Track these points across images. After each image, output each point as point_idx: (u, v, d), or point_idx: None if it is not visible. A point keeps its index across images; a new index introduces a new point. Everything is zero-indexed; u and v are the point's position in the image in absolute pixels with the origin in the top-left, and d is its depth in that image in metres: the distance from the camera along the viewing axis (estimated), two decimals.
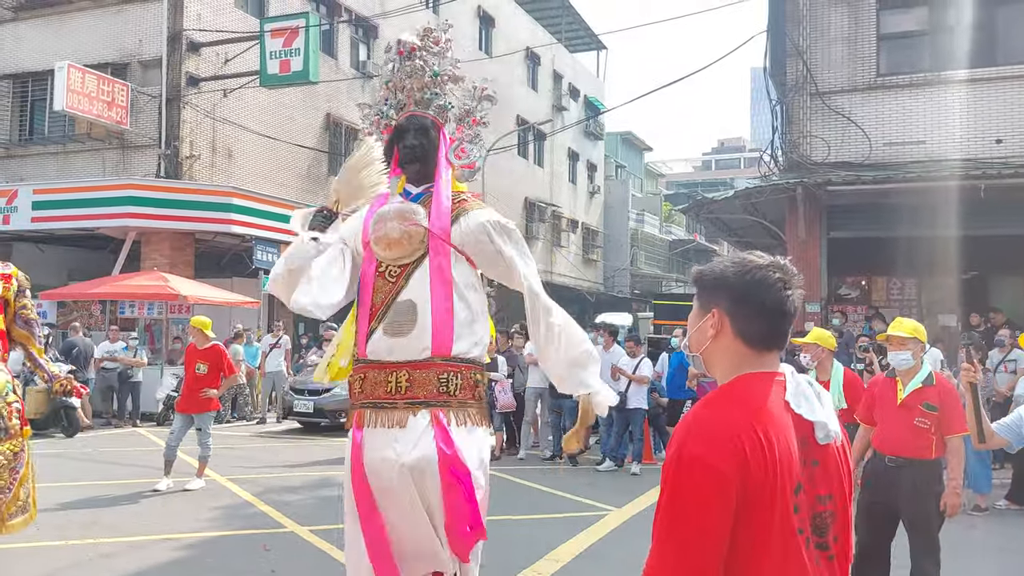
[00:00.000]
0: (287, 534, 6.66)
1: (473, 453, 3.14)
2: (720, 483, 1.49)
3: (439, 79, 3.44)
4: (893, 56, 13.19)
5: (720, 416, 1.58)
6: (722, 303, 1.70)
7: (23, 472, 5.72)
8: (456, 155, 3.42)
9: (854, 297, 15.26)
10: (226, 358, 8.63)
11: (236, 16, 17.98)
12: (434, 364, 3.11)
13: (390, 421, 3.12)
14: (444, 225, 3.19)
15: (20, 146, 18.13)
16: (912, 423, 4.48)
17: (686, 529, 1.51)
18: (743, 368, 1.68)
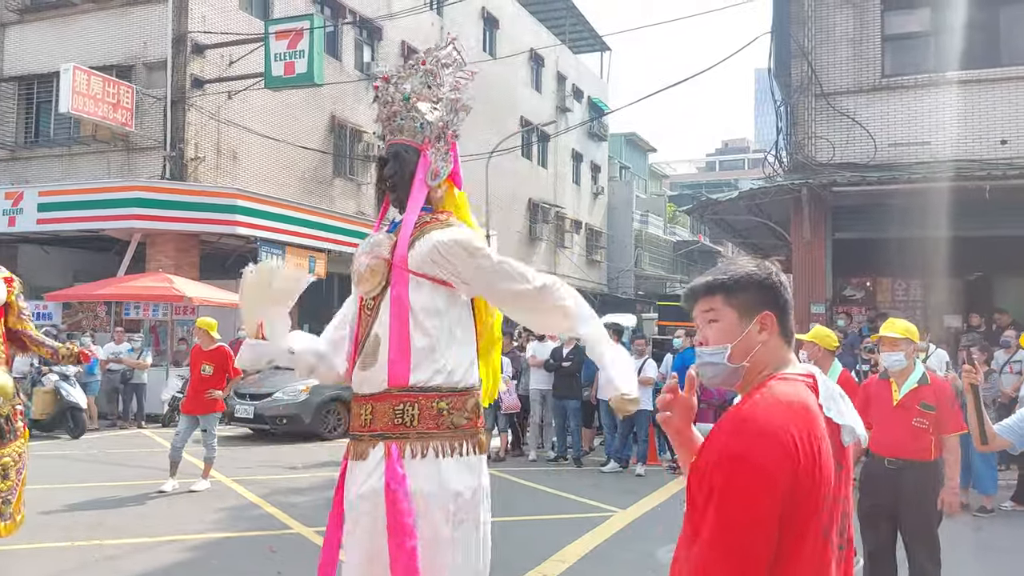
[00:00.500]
0: (293, 536, 6.67)
1: (429, 485, 3.02)
2: (770, 484, 1.49)
3: (409, 102, 3.36)
4: (898, 57, 13.17)
5: (770, 417, 1.56)
6: (769, 306, 1.72)
7: (24, 474, 5.79)
8: (432, 175, 3.33)
9: (859, 298, 15.22)
10: (231, 359, 8.64)
11: (241, 18, 18.02)
12: (390, 395, 3.08)
13: (356, 453, 3.16)
14: (402, 252, 3.14)
15: (26, 148, 18.18)
16: (910, 424, 4.46)
17: (738, 530, 1.49)
18: (780, 369, 1.70)
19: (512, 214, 29.03)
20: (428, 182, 3.29)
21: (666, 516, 7.56)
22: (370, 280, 3.18)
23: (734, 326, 1.73)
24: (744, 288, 1.73)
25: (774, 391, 1.63)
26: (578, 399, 10.63)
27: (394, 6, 22.02)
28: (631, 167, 45.86)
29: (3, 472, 5.59)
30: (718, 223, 16.77)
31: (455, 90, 3.44)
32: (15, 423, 5.70)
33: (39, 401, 11.97)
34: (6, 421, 5.62)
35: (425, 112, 3.32)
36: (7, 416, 5.64)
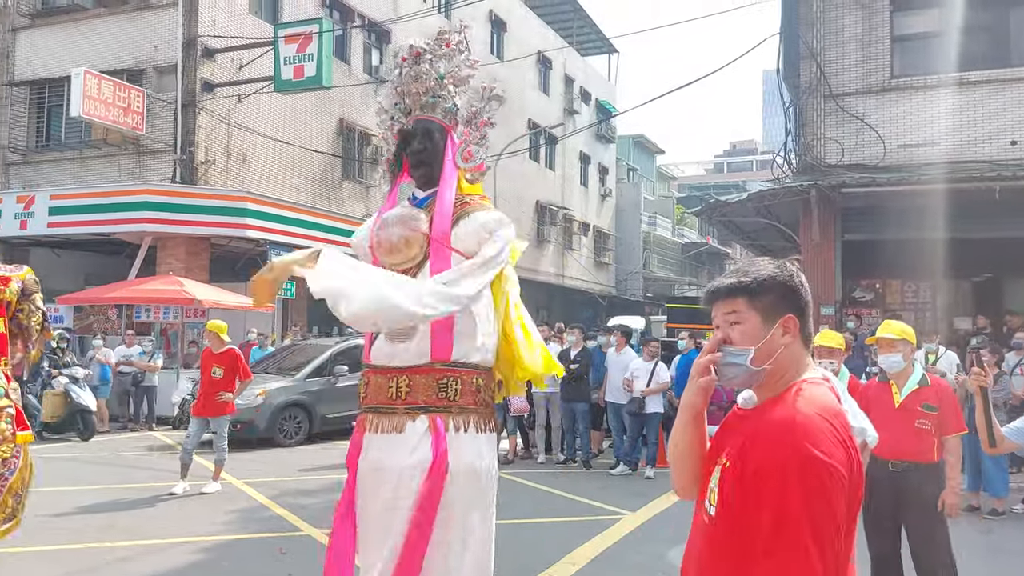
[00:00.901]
0: (303, 537, 6.70)
1: (472, 459, 3.10)
2: (842, 484, 1.53)
3: (444, 81, 3.41)
4: (907, 58, 13.13)
5: (826, 420, 1.59)
6: (792, 309, 1.72)
7: (13, 479, 5.57)
8: (463, 157, 3.38)
9: (869, 300, 15.18)
10: (242, 362, 8.69)
11: (250, 22, 18.10)
12: (433, 369, 3.10)
13: (390, 426, 3.12)
14: (444, 229, 3.16)
15: (37, 152, 18.30)
16: (913, 426, 4.41)
17: (825, 531, 1.51)
18: (802, 372, 1.71)
19: (520, 216, 29.04)
20: (458, 163, 3.33)
21: (676, 518, 7.55)
22: (404, 251, 3.17)
23: (757, 329, 1.73)
24: (768, 291, 1.73)
25: (812, 394, 1.64)
26: (586, 401, 10.63)
27: (402, 9, 22.08)
28: (639, 169, 45.82)
29: None
30: (726, 225, 16.75)
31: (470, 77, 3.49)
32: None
33: (49, 404, 12.04)
34: None
35: (455, 94, 3.39)
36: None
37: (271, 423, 11.89)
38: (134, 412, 14.00)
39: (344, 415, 12.09)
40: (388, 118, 3.60)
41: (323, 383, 12.50)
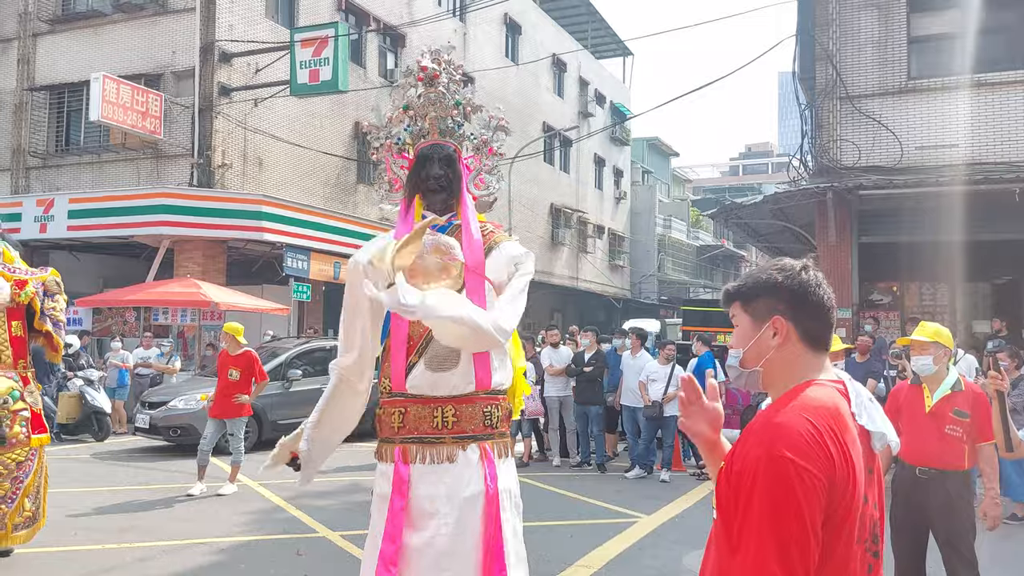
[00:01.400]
0: (319, 539, 6.73)
1: (511, 482, 3.23)
2: (814, 486, 1.49)
3: (461, 108, 3.43)
4: (924, 59, 13.06)
5: (807, 421, 1.56)
6: (782, 309, 1.70)
7: (28, 482, 5.66)
8: (475, 185, 3.42)
9: (886, 303, 15.10)
10: (258, 364, 8.75)
11: (267, 27, 18.23)
12: (478, 398, 3.13)
13: (439, 456, 3.11)
14: (478, 259, 3.19)
15: (57, 156, 18.50)
16: (943, 431, 4.31)
17: (790, 532, 1.47)
18: (807, 374, 1.69)
19: (534, 219, 29.06)
20: (471, 190, 3.39)
21: (691, 522, 7.54)
22: (442, 280, 3.11)
23: (748, 330, 1.75)
24: (757, 294, 1.75)
25: (807, 396, 1.63)
26: (600, 405, 10.61)
27: (417, 13, 22.16)
28: (654, 172, 45.74)
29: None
30: (742, 227, 16.70)
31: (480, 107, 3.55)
32: (7, 430, 5.56)
33: (64, 405, 12.15)
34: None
35: (471, 123, 3.46)
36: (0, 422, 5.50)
37: None
38: None
39: (298, 421, 11.37)
40: (385, 136, 3.56)
41: (276, 387, 11.70)
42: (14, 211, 16.76)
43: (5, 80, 19.00)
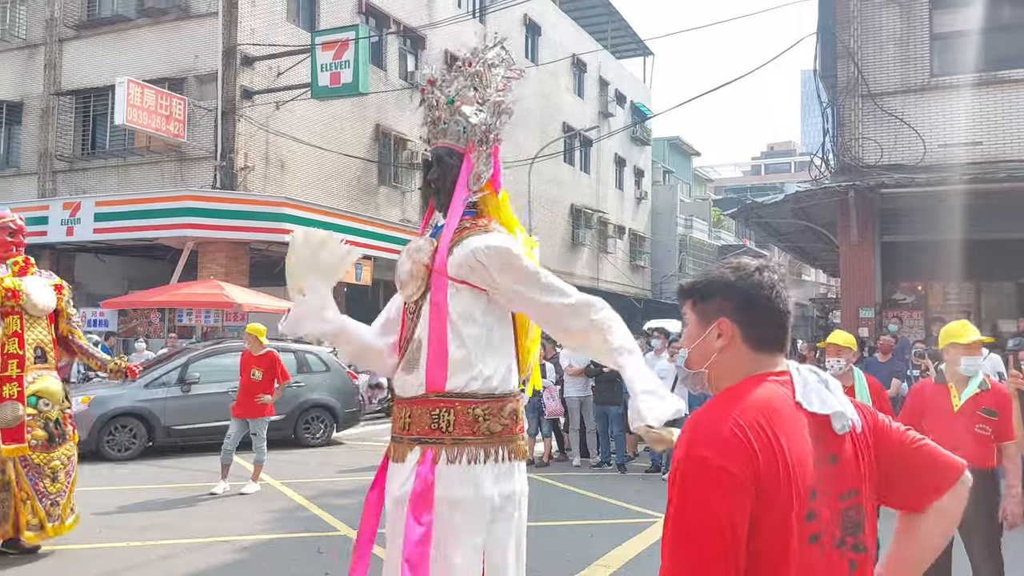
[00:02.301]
0: (339, 537, 6.78)
1: (464, 490, 3.04)
2: (732, 486, 1.44)
3: (454, 104, 3.37)
4: (947, 56, 12.93)
5: (729, 417, 1.52)
6: (727, 310, 1.66)
7: (74, 476, 6.03)
8: (475, 179, 3.33)
9: (910, 302, 14.96)
10: (280, 364, 8.83)
11: (288, 30, 18.38)
12: (428, 400, 3.11)
13: (396, 455, 3.20)
14: (443, 258, 3.15)
15: (83, 159, 18.75)
16: (972, 431, 4.31)
17: (700, 534, 1.44)
18: (744, 372, 1.65)
19: (555, 220, 29.05)
20: (471, 186, 3.30)
21: None
22: (411, 285, 3.22)
23: (694, 331, 1.72)
24: (706, 294, 1.70)
25: (737, 392, 1.59)
26: (620, 405, 10.59)
27: (437, 15, 22.24)
28: (675, 171, 45.56)
29: (52, 475, 5.80)
30: (763, 227, 16.61)
31: (500, 91, 3.43)
32: (64, 427, 5.92)
33: None
34: (55, 425, 5.83)
35: (469, 115, 3.33)
36: (56, 420, 5.85)
37: (95, 433, 10.47)
38: None
39: (198, 427, 11.29)
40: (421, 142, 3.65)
41: (172, 391, 11.27)
42: (41, 214, 17.01)
43: (32, 85, 19.30)
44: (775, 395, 1.58)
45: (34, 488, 5.69)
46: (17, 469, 5.62)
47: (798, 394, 1.59)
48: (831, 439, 1.59)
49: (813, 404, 1.58)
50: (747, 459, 1.46)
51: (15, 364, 5.66)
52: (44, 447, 5.75)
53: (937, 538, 1.74)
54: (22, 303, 5.73)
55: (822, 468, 1.55)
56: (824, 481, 1.54)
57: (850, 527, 1.58)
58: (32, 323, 5.85)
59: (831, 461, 1.57)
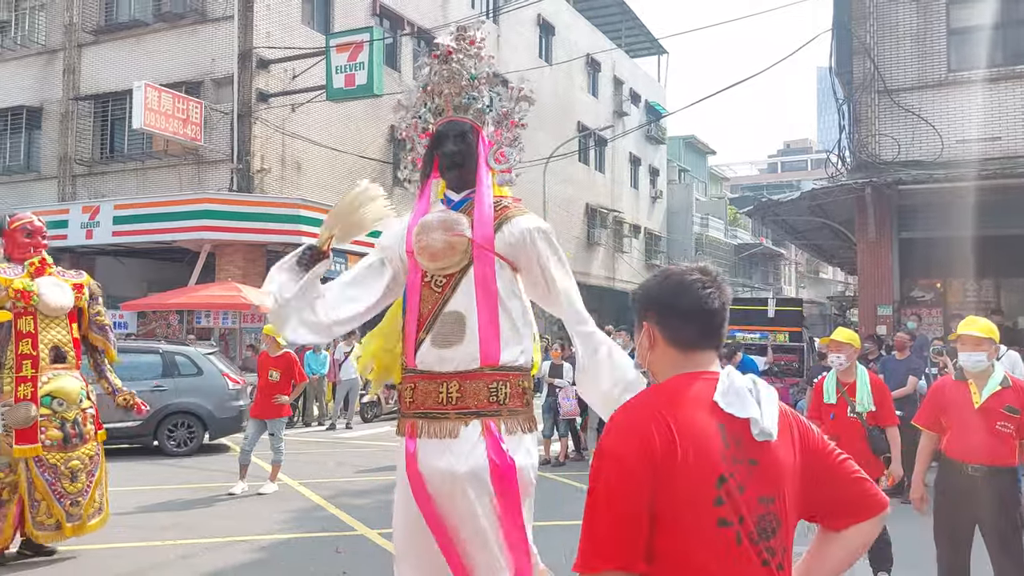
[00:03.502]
0: (357, 537, 6.82)
1: (523, 460, 3.16)
2: (628, 474, 1.57)
3: (476, 82, 3.41)
4: (964, 51, 12.81)
5: (634, 411, 1.67)
6: (651, 315, 1.78)
7: (98, 475, 6.03)
8: (496, 159, 3.37)
9: (928, 299, 14.83)
10: (297, 365, 8.90)
11: (303, 33, 18.48)
12: (484, 374, 3.12)
13: (442, 431, 3.13)
14: (487, 234, 3.17)
15: (102, 163, 18.93)
16: (993, 428, 4.28)
17: (603, 518, 1.58)
18: (674, 372, 1.74)
19: (570, 219, 29.03)
20: (490, 164, 3.34)
21: None
22: (448, 257, 3.18)
23: (636, 334, 1.84)
24: (637, 302, 1.84)
25: (652, 388, 1.73)
26: None
27: (451, 16, 22.28)
28: (690, 170, 45.39)
29: (71, 475, 5.76)
30: (780, 225, 16.53)
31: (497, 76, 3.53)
32: (83, 427, 5.88)
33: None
34: (72, 425, 5.79)
35: (486, 96, 3.40)
36: (74, 420, 5.81)
37: None
38: None
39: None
40: (411, 116, 3.60)
41: None
42: (61, 218, 17.19)
43: (51, 90, 19.51)
44: (691, 391, 1.68)
45: (51, 488, 5.68)
46: (32, 470, 5.62)
47: (717, 394, 1.67)
48: (752, 444, 1.67)
49: (732, 406, 1.66)
50: (645, 449, 1.58)
51: (29, 364, 5.66)
52: (60, 447, 5.74)
53: (845, 558, 1.81)
54: (34, 303, 5.75)
55: (737, 466, 1.63)
56: (740, 478, 1.63)
57: (767, 530, 1.65)
58: (49, 323, 5.85)
59: (750, 463, 1.65)
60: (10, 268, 5.81)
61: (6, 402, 5.58)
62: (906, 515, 4.91)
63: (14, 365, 5.65)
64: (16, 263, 5.87)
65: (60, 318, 5.95)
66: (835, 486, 1.77)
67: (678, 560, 1.58)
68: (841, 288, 44.68)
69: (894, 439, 5.37)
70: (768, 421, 1.67)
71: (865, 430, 5.33)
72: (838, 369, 5.52)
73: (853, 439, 5.35)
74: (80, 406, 5.92)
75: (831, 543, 1.80)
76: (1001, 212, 11.11)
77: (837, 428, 5.42)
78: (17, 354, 5.66)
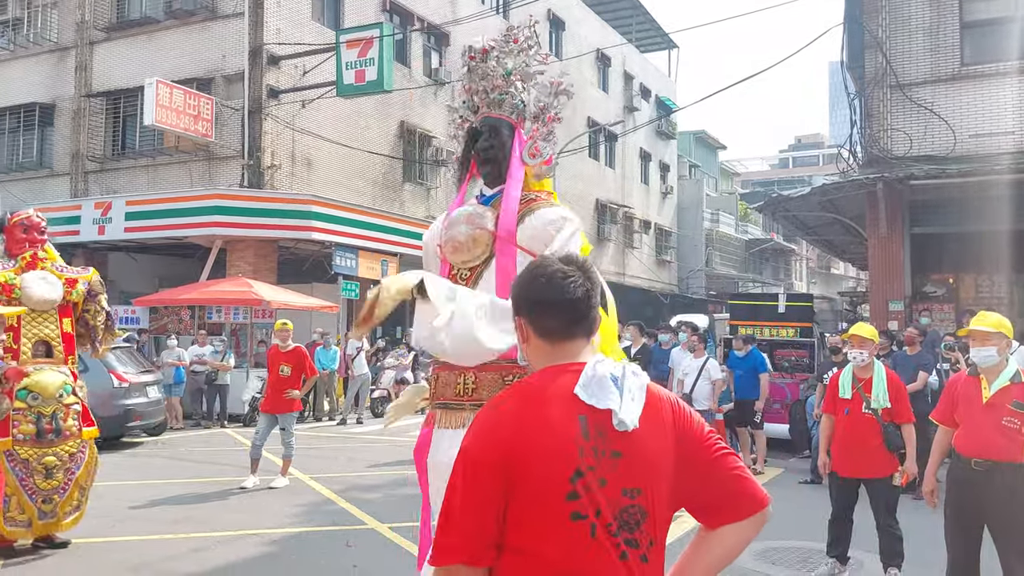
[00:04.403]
0: (367, 531, 6.85)
1: None
2: (479, 471, 1.62)
3: (511, 77, 3.43)
4: (978, 45, 12.73)
5: (494, 409, 1.71)
6: (521, 310, 1.80)
7: (80, 473, 5.94)
8: (531, 154, 3.38)
9: (941, 295, 14.75)
10: (308, 360, 8.93)
11: (313, 29, 18.51)
12: (500, 366, 3.12)
13: (456, 422, 3.14)
14: (510, 226, 3.18)
15: (113, 160, 19.03)
16: (1000, 423, 4.25)
17: (454, 514, 1.63)
18: (547, 363, 1.75)
19: (580, 215, 28.72)
20: (525, 159, 3.35)
21: None
22: (472, 249, 3.22)
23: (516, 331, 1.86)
24: (511, 296, 1.85)
25: (518, 383, 1.77)
26: None
27: (460, 11, 22.28)
28: (701, 165, 45.24)
29: (46, 471, 5.71)
30: (791, 220, 16.47)
31: (539, 73, 3.49)
32: (62, 423, 5.80)
33: None
34: (49, 421, 5.73)
35: (522, 91, 3.40)
36: (52, 415, 5.75)
37: None
38: (207, 410, 14.45)
39: None
40: (457, 116, 3.63)
41: None
42: (73, 214, 17.30)
43: (64, 87, 19.62)
44: (555, 385, 1.69)
45: (21, 484, 5.64)
46: (1, 464, 5.59)
47: (578, 386, 1.67)
48: (616, 435, 1.65)
49: (593, 397, 1.66)
50: (497, 446, 1.62)
51: (9, 358, 5.63)
52: (33, 442, 5.70)
53: (721, 556, 1.76)
54: (16, 296, 5.74)
55: (600, 458, 1.63)
56: (602, 471, 1.62)
57: (629, 523, 1.64)
58: (35, 317, 5.85)
59: (614, 455, 1.64)
60: (6, 263, 5.87)
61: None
62: (919, 510, 4.90)
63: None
64: (13, 259, 5.94)
65: (49, 312, 5.94)
66: (711, 480, 1.73)
67: (532, 554, 1.60)
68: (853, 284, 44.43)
69: (909, 436, 5.35)
70: (627, 412, 1.65)
71: (880, 426, 5.32)
72: (858, 365, 5.50)
73: (867, 435, 5.34)
74: (61, 401, 5.84)
75: (708, 540, 1.76)
76: (1014, 207, 11.04)
77: (852, 423, 5.41)
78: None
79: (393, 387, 15.79)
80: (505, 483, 1.60)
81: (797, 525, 6.72)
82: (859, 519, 5.64)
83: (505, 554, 1.62)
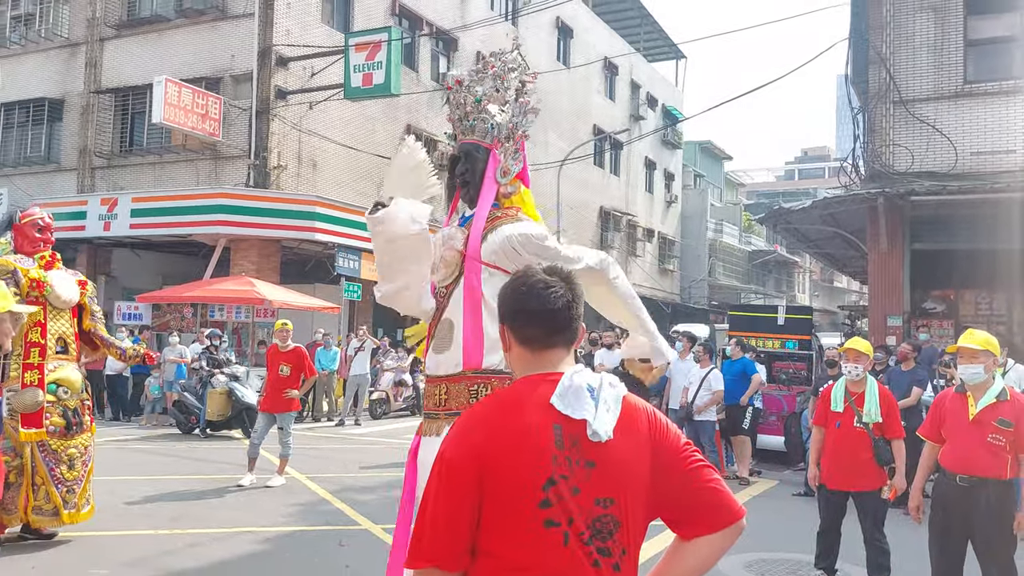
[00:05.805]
0: (361, 531, 6.91)
1: None
2: (453, 478, 1.66)
3: (481, 104, 3.59)
4: (981, 63, 12.78)
5: (472, 417, 1.75)
6: (504, 318, 1.85)
7: (90, 466, 6.19)
8: (502, 172, 3.57)
9: (940, 311, 14.77)
10: (307, 360, 8.99)
11: (322, 31, 18.62)
12: (465, 377, 3.31)
13: (433, 431, 3.36)
14: (475, 245, 3.38)
15: (121, 156, 19.14)
16: (985, 440, 4.31)
17: (428, 519, 1.66)
18: (528, 371, 1.79)
19: (583, 222, 29.06)
20: (498, 179, 3.53)
21: None
22: (444, 270, 3.44)
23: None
24: (498, 305, 1.90)
25: (498, 391, 1.85)
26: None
27: (469, 17, 22.38)
28: (706, 175, 45.30)
29: (69, 462, 5.94)
30: (792, 233, 16.51)
31: (521, 93, 3.66)
32: (82, 416, 6.09)
33: (214, 402, 12.31)
34: (74, 414, 5.99)
35: (495, 114, 3.56)
36: (75, 409, 6.01)
37: None
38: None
39: None
40: (447, 146, 3.92)
41: None
42: (80, 209, 17.41)
43: (73, 83, 19.75)
44: (533, 394, 1.72)
45: (51, 474, 5.83)
46: (35, 454, 5.79)
47: (555, 396, 1.70)
48: (590, 445, 1.68)
49: (569, 408, 1.69)
50: (471, 452, 1.66)
51: (37, 352, 5.85)
52: (62, 434, 5.92)
53: (695, 567, 1.77)
54: (46, 294, 5.95)
55: (574, 468, 1.65)
56: (575, 480, 1.65)
57: (602, 531, 1.66)
58: (55, 315, 6.08)
59: (587, 465, 1.67)
60: (23, 260, 6.05)
61: (12, 387, 5.72)
62: (906, 525, 4.95)
63: (22, 352, 5.81)
64: (26, 256, 6.10)
65: (65, 311, 6.18)
66: (687, 491, 1.73)
67: (505, 559, 1.63)
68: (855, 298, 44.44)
69: (899, 451, 5.39)
70: (601, 423, 1.67)
71: (871, 440, 5.36)
72: (852, 379, 5.54)
73: (858, 448, 5.38)
74: (81, 396, 6.13)
75: (683, 551, 1.76)
76: (1014, 225, 11.08)
77: (842, 436, 5.45)
78: (26, 342, 5.84)
79: (392, 389, 15.84)
80: (479, 488, 1.64)
81: (788, 537, 6.76)
82: (847, 532, 5.69)
83: (479, 558, 1.66)
